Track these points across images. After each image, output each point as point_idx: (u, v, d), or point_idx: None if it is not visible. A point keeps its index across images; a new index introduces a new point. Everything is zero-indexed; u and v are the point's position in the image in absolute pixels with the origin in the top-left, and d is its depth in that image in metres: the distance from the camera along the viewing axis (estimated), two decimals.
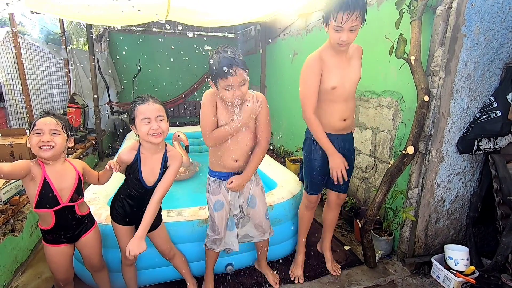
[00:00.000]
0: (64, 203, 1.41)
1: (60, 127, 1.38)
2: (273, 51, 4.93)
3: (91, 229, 1.57)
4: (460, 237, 2.28)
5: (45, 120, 1.35)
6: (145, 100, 1.46)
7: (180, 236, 1.91)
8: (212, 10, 2.90)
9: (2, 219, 2.07)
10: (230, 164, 1.64)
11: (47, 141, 1.33)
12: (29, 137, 1.36)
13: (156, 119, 1.44)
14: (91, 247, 1.57)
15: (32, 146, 1.33)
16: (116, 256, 1.74)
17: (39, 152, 1.34)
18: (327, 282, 2.05)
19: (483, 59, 1.91)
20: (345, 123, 1.81)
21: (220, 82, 1.42)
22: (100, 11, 2.65)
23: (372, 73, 2.59)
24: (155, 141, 1.45)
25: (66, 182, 1.42)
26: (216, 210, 1.69)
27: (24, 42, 4.22)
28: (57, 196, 1.39)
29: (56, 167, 1.41)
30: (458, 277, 1.93)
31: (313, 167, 1.90)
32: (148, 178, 1.53)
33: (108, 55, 5.97)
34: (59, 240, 1.46)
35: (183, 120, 6.57)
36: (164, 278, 1.96)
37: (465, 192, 2.18)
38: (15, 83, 3.87)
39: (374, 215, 2.10)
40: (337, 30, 1.54)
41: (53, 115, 1.40)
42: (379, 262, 2.25)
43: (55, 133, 1.36)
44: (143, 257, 1.79)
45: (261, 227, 1.82)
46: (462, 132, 2.02)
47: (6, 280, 1.97)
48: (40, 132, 1.33)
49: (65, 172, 1.43)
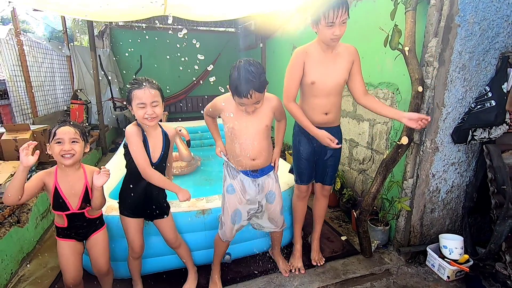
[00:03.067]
0: (73, 210, 1.50)
1: (79, 135, 1.47)
2: (273, 45, 4.94)
3: (100, 229, 1.64)
4: (456, 227, 2.30)
5: (65, 130, 1.43)
6: (141, 85, 1.49)
7: (179, 226, 1.96)
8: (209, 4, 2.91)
9: (8, 211, 2.14)
10: (247, 162, 1.68)
11: (68, 150, 1.42)
12: (49, 145, 1.45)
13: (151, 105, 1.50)
14: (99, 248, 1.63)
15: (54, 155, 1.43)
16: (119, 246, 1.81)
17: (61, 160, 1.43)
18: (322, 272, 2.09)
19: (478, 49, 1.91)
20: (327, 117, 1.87)
21: (236, 98, 1.49)
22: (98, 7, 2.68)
23: (369, 65, 2.59)
24: (149, 124, 1.53)
25: (75, 190, 1.49)
26: (228, 193, 1.73)
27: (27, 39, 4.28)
28: (67, 203, 1.48)
29: (69, 174, 1.49)
30: (452, 266, 1.96)
31: (300, 158, 1.99)
32: (154, 153, 1.59)
33: (110, 51, 6.02)
34: (70, 236, 1.55)
35: (184, 115, 6.61)
36: (165, 267, 2.02)
37: (460, 182, 2.20)
38: (19, 80, 3.93)
39: (370, 205, 2.13)
40: (330, 26, 1.62)
41: (70, 123, 1.48)
42: (375, 251, 2.29)
43: (74, 141, 1.45)
44: (149, 245, 1.87)
45: (275, 221, 1.87)
46: (457, 122, 2.03)
47: (13, 269, 2.05)
48: (61, 141, 1.42)
49: (76, 181, 1.51)
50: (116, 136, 6.07)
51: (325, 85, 1.79)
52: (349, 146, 2.99)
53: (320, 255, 2.20)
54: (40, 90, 4.52)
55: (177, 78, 6.51)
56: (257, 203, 1.77)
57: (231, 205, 1.72)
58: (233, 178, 1.72)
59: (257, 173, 1.73)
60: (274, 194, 1.80)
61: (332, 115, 1.87)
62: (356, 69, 1.83)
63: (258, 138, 1.64)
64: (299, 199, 2.10)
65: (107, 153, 5.04)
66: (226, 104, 1.62)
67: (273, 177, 1.81)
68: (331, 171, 2.05)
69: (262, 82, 1.44)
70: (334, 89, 1.81)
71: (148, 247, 1.86)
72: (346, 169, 3.08)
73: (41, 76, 4.63)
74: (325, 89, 1.80)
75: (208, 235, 2.01)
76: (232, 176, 1.73)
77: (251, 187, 1.73)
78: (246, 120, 1.60)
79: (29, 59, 4.15)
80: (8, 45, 3.75)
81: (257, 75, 1.41)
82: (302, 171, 2.01)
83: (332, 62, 1.79)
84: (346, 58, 1.80)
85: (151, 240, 1.90)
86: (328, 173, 2.05)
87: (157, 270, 2.02)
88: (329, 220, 2.77)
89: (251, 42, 6.13)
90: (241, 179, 1.72)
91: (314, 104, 1.85)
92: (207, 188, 3.11)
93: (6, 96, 3.96)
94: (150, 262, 1.97)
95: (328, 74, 1.78)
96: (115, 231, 1.81)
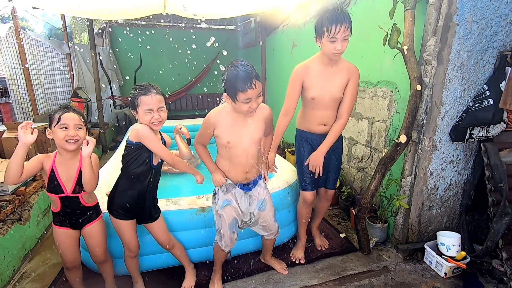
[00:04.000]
0: (67, 193, 1.52)
1: (82, 121, 1.51)
2: (272, 43, 4.94)
3: (95, 220, 1.65)
4: (454, 224, 2.32)
5: (70, 115, 1.46)
6: (147, 91, 1.53)
7: (179, 224, 1.98)
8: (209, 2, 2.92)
9: (10, 208, 2.16)
10: (241, 176, 1.69)
11: (73, 135, 1.46)
12: (50, 130, 1.46)
13: (157, 110, 1.54)
14: (95, 238, 1.65)
15: (57, 139, 1.45)
16: (118, 244, 1.82)
17: (64, 145, 1.46)
18: (321, 268, 2.11)
19: (476, 48, 1.92)
20: (324, 127, 1.95)
21: (240, 96, 1.44)
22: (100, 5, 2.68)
23: (368, 64, 2.60)
24: (156, 128, 1.57)
25: (70, 173, 1.52)
26: (224, 207, 1.70)
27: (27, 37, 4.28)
28: (61, 185, 1.50)
29: (67, 159, 1.52)
30: (450, 262, 1.98)
31: (302, 163, 2.02)
32: (155, 157, 1.63)
33: (109, 49, 6.02)
34: (64, 224, 1.57)
35: (184, 114, 6.62)
36: (164, 264, 2.04)
37: (458, 180, 2.22)
38: (19, 78, 3.94)
39: (368, 203, 2.15)
40: (332, 41, 1.68)
41: (74, 110, 1.51)
42: (374, 249, 2.31)
43: (79, 128, 1.48)
44: (147, 243, 1.89)
45: (269, 229, 1.87)
46: (455, 120, 2.05)
47: (15, 265, 2.07)
48: (66, 127, 1.45)
49: (72, 164, 1.53)
50: (116, 134, 6.09)
51: (323, 99, 1.86)
52: (348, 144, 3.01)
53: (323, 241, 2.33)
54: (40, 88, 4.53)
55: (177, 76, 6.51)
56: (248, 215, 1.78)
57: (229, 216, 1.70)
58: (226, 193, 1.71)
59: (249, 186, 1.73)
60: (265, 202, 1.80)
61: (330, 126, 1.94)
62: (349, 88, 1.85)
63: (252, 149, 1.64)
64: (304, 206, 2.11)
65: (107, 151, 5.06)
66: (219, 117, 1.59)
67: (262, 185, 1.80)
68: (333, 175, 2.10)
69: (256, 71, 1.46)
70: (331, 103, 1.88)
71: (145, 245, 1.88)
72: (345, 167, 3.10)
73: (41, 74, 4.63)
74: (323, 103, 1.88)
75: (208, 232, 2.03)
76: (225, 191, 1.71)
77: (243, 200, 1.73)
78: (241, 131, 1.60)
79: (29, 57, 4.14)
80: (8, 43, 3.75)
81: (251, 67, 1.44)
82: (304, 177, 2.04)
83: (331, 77, 1.84)
84: (345, 75, 1.84)
85: (147, 238, 1.88)
86: (330, 177, 2.11)
87: (156, 267, 2.04)
88: (328, 217, 2.80)
89: (250, 40, 6.12)
90: (235, 192, 1.71)
91: (312, 116, 1.94)
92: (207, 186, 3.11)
93: (6, 94, 3.97)
94: (148, 259, 1.98)
95: (326, 89, 1.84)
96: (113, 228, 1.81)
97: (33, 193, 2.51)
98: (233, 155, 1.63)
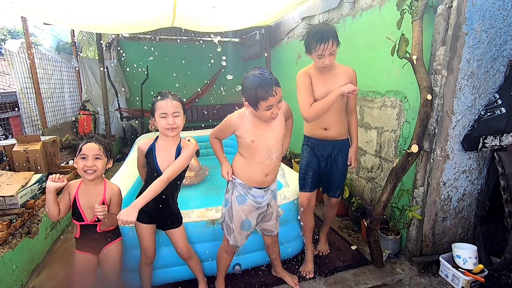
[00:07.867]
0: (87, 221, 1.56)
1: (102, 151, 1.55)
2: (278, 55, 4.98)
3: (114, 241, 1.66)
4: (468, 235, 2.27)
5: (90, 146, 1.53)
6: (164, 96, 1.58)
7: (189, 237, 1.95)
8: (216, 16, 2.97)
9: (19, 222, 2.16)
10: (260, 178, 1.67)
11: (91, 166, 1.52)
12: (76, 160, 1.55)
13: (172, 115, 1.56)
14: (111, 261, 1.65)
15: (78, 169, 1.53)
16: (132, 256, 1.81)
17: (84, 175, 1.53)
18: (333, 282, 2.06)
19: (486, 57, 1.91)
20: (325, 132, 2.00)
21: (261, 104, 1.46)
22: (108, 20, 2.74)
23: (375, 73, 2.60)
24: (170, 134, 1.58)
25: (91, 203, 1.54)
26: (238, 203, 1.68)
27: (37, 52, 4.38)
28: (82, 214, 1.55)
29: (89, 188, 1.58)
30: (467, 276, 1.92)
31: (302, 164, 2.10)
32: (163, 166, 1.60)
33: (117, 62, 6.13)
34: (84, 248, 1.60)
35: (191, 125, 6.65)
36: (176, 278, 2.01)
37: (472, 190, 2.17)
38: (29, 92, 4.01)
39: (380, 214, 2.11)
40: (320, 57, 1.79)
41: (96, 140, 1.56)
42: (387, 261, 2.25)
43: (97, 158, 1.54)
44: (160, 256, 1.87)
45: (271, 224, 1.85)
46: (467, 130, 2.02)
47: (24, 280, 2.05)
48: (85, 157, 1.52)
49: (94, 195, 1.58)
50: (123, 145, 6.12)
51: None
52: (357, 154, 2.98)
53: (326, 247, 2.34)
54: (50, 101, 4.60)
55: (183, 88, 6.57)
56: (266, 206, 1.77)
57: (240, 215, 1.69)
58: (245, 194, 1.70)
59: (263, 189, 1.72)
60: (275, 192, 1.84)
61: (332, 130, 1.99)
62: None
63: (276, 149, 1.64)
64: (305, 210, 2.08)
65: (114, 163, 5.07)
66: (242, 119, 1.60)
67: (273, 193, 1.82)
68: (336, 182, 2.10)
69: (275, 77, 1.49)
70: (333, 106, 1.89)
71: (159, 258, 1.86)
72: (354, 178, 3.06)
73: (51, 87, 4.72)
74: None
75: (217, 245, 1.99)
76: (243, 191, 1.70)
77: (262, 196, 1.72)
78: (265, 131, 1.60)
79: (39, 71, 4.23)
80: (20, 58, 3.84)
81: (269, 73, 1.47)
82: (303, 177, 2.09)
83: (332, 81, 1.90)
84: (344, 78, 1.90)
85: (162, 250, 1.89)
86: (333, 184, 2.10)
87: (168, 281, 2.00)
88: (338, 229, 2.74)
89: (255, 51, 6.19)
90: (253, 194, 1.69)
91: (315, 120, 1.95)
92: (215, 198, 3.10)
93: (16, 107, 4.04)
94: (161, 272, 1.95)
95: (327, 93, 1.87)
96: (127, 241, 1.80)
97: (42, 206, 2.51)
98: (256, 154, 1.62)
